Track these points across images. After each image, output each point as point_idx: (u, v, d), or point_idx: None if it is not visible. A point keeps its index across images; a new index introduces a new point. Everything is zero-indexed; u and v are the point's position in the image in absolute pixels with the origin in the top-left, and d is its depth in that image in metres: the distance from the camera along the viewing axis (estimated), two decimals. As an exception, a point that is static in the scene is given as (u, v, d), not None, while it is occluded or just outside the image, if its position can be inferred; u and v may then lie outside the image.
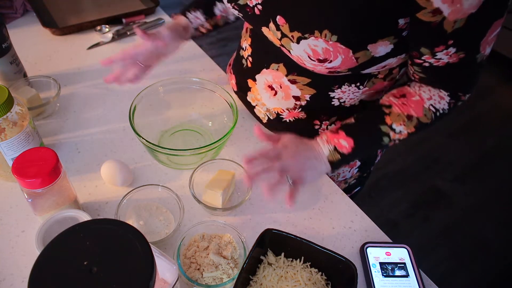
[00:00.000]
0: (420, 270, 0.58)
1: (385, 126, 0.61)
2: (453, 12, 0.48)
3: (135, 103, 0.69)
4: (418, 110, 0.61)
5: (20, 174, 0.49)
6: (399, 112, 0.61)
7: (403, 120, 0.61)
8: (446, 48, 0.52)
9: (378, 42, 0.54)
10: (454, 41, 0.51)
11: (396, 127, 0.61)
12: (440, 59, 0.54)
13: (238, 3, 0.64)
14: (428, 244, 1.70)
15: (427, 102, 0.61)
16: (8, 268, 0.56)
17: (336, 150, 0.61)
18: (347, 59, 0.57)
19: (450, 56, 0.53)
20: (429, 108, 0.61)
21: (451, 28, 0.50)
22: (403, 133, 0.62)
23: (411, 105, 0.61)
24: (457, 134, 2.22)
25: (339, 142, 0.61)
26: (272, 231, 0.54)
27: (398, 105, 0.61)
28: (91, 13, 1.09)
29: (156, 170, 0.70)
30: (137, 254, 0.34)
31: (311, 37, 0.56)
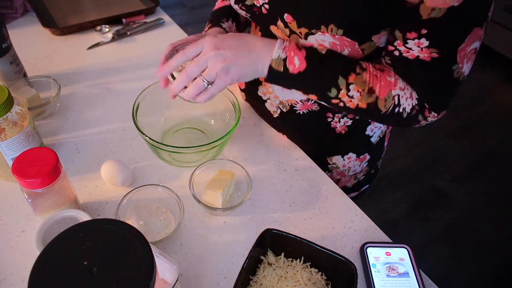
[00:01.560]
0: (420, 270, 0.58)
1: (344, 80, 0.57)
2: None
3: (138, 102, 0.69)
4: (384, 91, 0.57)
5: (20, 174, 0.49)
6: (367, 79, 0.57)
7: (363, 89, 0.57)
8: (418, 37, 0.51)
9: (382, 32, 0.55)
10: (427, 32, 0.50)
11: (352, 90, 0.57)
12: (410, 49, 0.53)
13: (245, 3, 0.65)
14: (428, 244, 1.70)
15: (397, 90, 0.57)
16: (8, 268, 0.56)
17: (284, 61, 0.57)
18: (354, 51, 0.57)
19: (422, 49, 0.52)
20: (393, 96, 0.57)
21: (426, 15, 0.48)
22: (353, 101, 0.58)
23: (381, 81, 0.57)
24: (457, 134, 2.22)
25: (293, 57, 0.57)
26: (272, 231, 0.54)
27: (371, 74, 0.57)
28: (91, 13, 1.09)
29: (156, 170, 0.70)
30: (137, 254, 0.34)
31: (318, 32, 0.56)
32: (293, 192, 0.69)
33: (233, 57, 0.56)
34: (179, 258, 0.58)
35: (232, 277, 0.56)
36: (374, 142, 0.80)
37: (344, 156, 0.79)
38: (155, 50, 0.99)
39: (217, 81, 0.57)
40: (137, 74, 0.91)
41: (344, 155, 0.79)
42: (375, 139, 0.80)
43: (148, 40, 1.03)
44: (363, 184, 0.90)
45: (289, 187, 0.69)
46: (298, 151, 0.76)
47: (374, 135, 0.79)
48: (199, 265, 0.58)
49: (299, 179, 0.71)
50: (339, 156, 0.79)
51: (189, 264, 0.58)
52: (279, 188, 0.69)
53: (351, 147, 0.79)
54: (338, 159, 0.80)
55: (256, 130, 0.80)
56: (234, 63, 0.56)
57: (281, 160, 0.74)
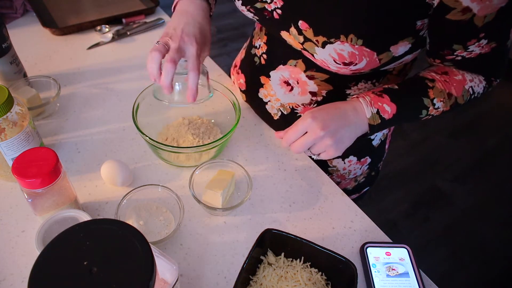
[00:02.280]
0: (420, 270, 0.58)
1: (428, 99, 0.61)
2: (483, 9, 0.50)
3: (138, 102, 0.69)
4: (459, 90, 0.62)
5: (20, 174, 0.49)
6: (442, 88, 0.61)
7: (443, 97, 0.61)
8: (478, 41, 0.54)
9: (399, 43, 0.56)
10: (485, 34, 0.53)
11: (437, 103, 0.62)
12: (472, 51, 0.56)
13: (255, 6, 0.64)
14: (428, 244, 1.70)
15: (469, 83, 0.62)
16: (8, 268, 0.56)
17: (378, 114, 0.61)
18: (371, 61, 0.58)
19: (482, 47, 0.55)
20: (468, 90, 0.62)
21: (481, 23, 0.51)
22: (439, 109, 0.63)
23: (453, 83, 0.62)
24: (457, 134, 2.22)
25: (383, 107, 0.61)
26: (272, 231, 0.54)
27: (441, 82, 0.62)
28: (91, 13, 1.09)
29: (156, 170, 0.70)
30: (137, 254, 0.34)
31: (337, 42, 0.57)
32: (293, 192, 0.69)
33: (339, 135, 0.59)
34: (179, 258, 0.58)
35: (232, 277, 0.56)
36: (375, 145, 0.80)
37: (344, 159, 0.79)
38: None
39: (324, 155, 0.61)
40: (137, 74, 0.91)
41: (345, 158, 0.79)
42: (377, 142, 0.80)
43: (148, 40, 1.03)
44: (364, 186, 0.89)
45: (289, 187, 0.69)
46: (298, 151, 0.76)
47: (376, 138, 0.78)
48: (199, 265, 0.58)
49: (299, 179, 0.71)
50: (340, 159, 0.79)
51: (189, 264, 0.58)
52: (279, 188, 0.69)
53: (351, 150, 0.78)
54: (338, 162, 0.79)
55: (256, 130, 0.80)
56: (341, 139, 0.60)
57: (281, 160, 0.74)
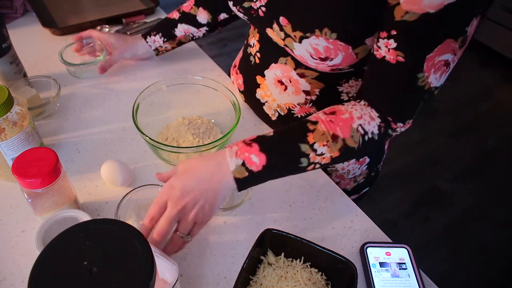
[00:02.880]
0: (420, 270, 0.58)
1: (306, 145, 0.54)
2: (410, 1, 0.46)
3: (138, 102, 0.69)
4: (345, 130, 0.54)
5: (20, 174, 0.49)
6: (324, 130, 0.54)
7: (327, 140, 0.54)
8: (388, 37, 0.50)
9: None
10: (397, 33, 0.49)
11: (318, 148, 0.54)
12: (379, 48, 0.52)
13: (243, 6, 0.65)
14: (428, 244, 1.70)
15: (356, 122, 0.55)
16: (8, 268, 0.56)
17: (244, 166, 0.52)
18: (348, 55, 0.57)
19: (389, 50, 0.51)
20: (357, 129, 0.55)
21: (399, 17, 0.48)
22: (325, 156, 0.55)
23: (339, 123, 0.55)
24: (457, 134, 2.22)
25: (249, 157, 0.53)
26: (272, 231, 0.54)
27: (325, 122, 0.55)
28: (91, 13, 1.09)
29: (156, 170, 0.70)
30: (137, 254, 0.34)
31: (312, 36, 0.57)
32: (293, 192, 0.69)
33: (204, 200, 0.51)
34: (179, 258, 0.58)
35: (232, 277, 0.56)
36: None
37: None
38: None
39: (195, 229, 0.53)
40: (137, 74, 0.91)
41: None
42: None
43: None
44: (363, 186, 0.89)
45: (289, 187, 0.69)
46: (298, 151, 0.76)
47: None
48: (199, 265, 0.58)
49: (299, 179, 0.71)
50: None
51: (189, 264, 0.58)
52: (279, 188, 0.69)
53: None
54: None
55: (256, 130, 0.80)
56: (207, 206, 0.52)
57: (281, 160, 0.74)
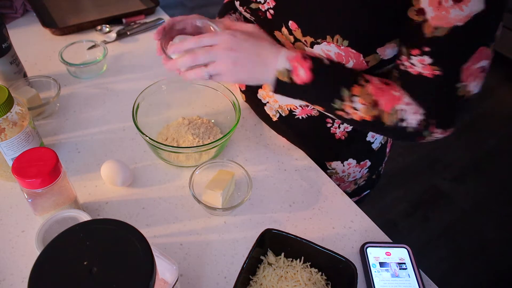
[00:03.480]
0: (420, 270, 0.58)
1: (347, 92, 0.56)
2: (437, 18, 0.47)
3: (138, 102, 0.69)
4: (388, 105, 0.55)
5: (20, 174, 0.49)
6: (371, 92, 0.55)
7: (368, 102, 0.55)
8: (421, 54, 0.51)
9: (386, 45, 0.55)
10: (430, 50, 0.50)
11: (356, 102, 0.56)
12: (413, 65, 0.53)
13: (250, 7, 0.65)
14: (428, 244, 1.70)
15: (402, 105, 0.55)
16: (8, 268, 0.56)
17: (289, 73, 0.56)
18: (358, 62, 0.57)
19: (425, 66, 0.51)
20: (397, 111, 0.55)
21: (430, 33, 0.48)
22: (357, 113, 0.57)
23: (386, 95, 0.56)
24: (457, 134, 2.22)
25: (297, 68, 0.55)
26: (272, 231, 0.54)
27: (375, 86, 0.56)
28: (91, 13, 1.09)
29: (156, 170, 0.70)
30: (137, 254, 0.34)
31: (324, 42, 0.56)
32: (293, 192, 0.69)
33: (242, 63, 0.56)
34: (179, 258, 0.58)
35: (232, 277, 0.56)
36: (375, 149, 0.79)
37: (343, 162, 0.79)
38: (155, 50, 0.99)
39: (218, 78, 0.58)
40: (137, 74, 0.91)
41: (344, 161, 0.79)
42: (377, 146, 0.79)
43: (148, 40, 1.03)
44: (364, 189, 0.89)
45: (289, 187, 0.69)
46: (298, 151, 0.76)
47: (376, 141, 0.78)
48: (199, 265, 0.58)
49: (299, 179, 0.71)
50: (339, 161, 0.79)
51: (189, 264, 0.58)
52: (279, 188, 0.69)
53: (351, 153, 0.78)
54: (337, 165, 0.79)
55: (256, 130, 0.80)
56: (241, 69, 0.57)
57: (281, 160, 0.74)
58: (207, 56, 0.56)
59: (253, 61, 0.57)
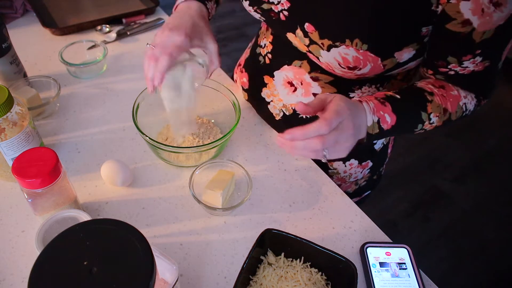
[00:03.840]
0: (420, 270, 0.58)
1: (425, 113, 0.59)
2: (483, 24, 0.50)
3: (138, 102, 0.69)
4: (454, 106, 0.60)
5: (20, 174, 0.49)
6: (439, 103, 0.59)
7: (439, 112, 0.60)
8: (474, 57, 0.54)
9: (403, 49, 0.56)
10: (481, 51, 0.53)
11: (432, 118, 0.60)
12: (466, 67, 0.56)
13: (262, 7, 0.64)
14: (428, 244, 1.70)
15: (463, 100, 0.61)
16: (8, 268, 0.56)
17: (378, 123, 0.56)
18: (376, 66, 0.58)
19: (476, 64, 0.55)
20: (462, 106, 0.61)
21: (479, 39, 0.52)
22: (433, 124, 0.61)
23: (449, 98, 0.60)
24: (457, 134, 2.22)
25: (384, 116, 0.56)
26: (272, 231, 0.54)
27: (439, 96, 0.60)
28: (91, 13, 1.09)
29: (156, 170, 0.70)
30: (137, 254, 0.34)
31: (342, 46, 0.57)
32: (293, 192, 0.69)
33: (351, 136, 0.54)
34: (179, 258, 0.58)
35: (232, 277, 0.56)
36: (377, 149, 0.80)
37: (345, 162, 0.79)
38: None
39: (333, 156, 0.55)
40: (137, 74, 0.91)
41: (346, 161, 0.79)
42: (379, 146, 0.79)
43: (148, 40, 1.02)
44: (365, 190, 0.89)
45: (289, 187, 0.69)
46: (298, 151, 0.76)
47: (378, 142, 0.78)
48: (199, 265, 0.58)
49: (299, 179, 0.71)
50: (340, 162, 0.79)
51: (189, 264, 0.58)
52: (279, 188, 0.69)
53: (353, 154, 0.77)
54: (339, 165, 0.79)
55: (256, 130, 0.80)
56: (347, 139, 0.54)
57: (281, 160, 0.74)
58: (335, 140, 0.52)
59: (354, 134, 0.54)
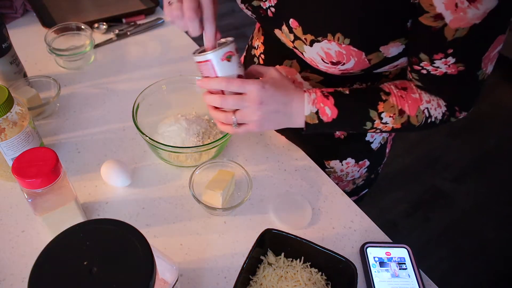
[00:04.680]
0: (420, 270, 0.58)
1: (375, 112, 0.59)
2: (456, 20, 0.47)
3: (138, 102, 0.69)
4: (412, 109, 0.59)
5: (20, 174, 0.49)
6: (394, 103, 0.59)
7: (394, 113, 0.59)
8: (445, 57, 0.52)
9: (390, 43, 0.55)
10: (453, 51, 0.51)
11: (384, 117, 0.59)
12: (438, 67, 0.54)
13: (252, 4, 0.65)
14: (428, 244, 1.70)
15: (424, 104, 0.60)
16: (8, 268, 0.56)
17: (317, 114, 0.59)
18: (360, 61, 0.57)
19: (449, 66, 0.53)
20: (423, 111, 0.59)
21: (451, 36, 0.49)
22: (388, 125, 0.60)
23: (408, 100, 0.59)
24: (457, 134, 2.22)
25: (324, 108, 0.59)
26: (272, 231, 0.54)
27: (396, 96, 0.59)
28: (91, 13, 1.09)
29: (156, 170, 0.70)
30: (137, 254, 0.34)
31: (324, 40, 0.56)
32: (293, 192, 0.69)
33: (271, 116, 0.58)
34: (179, 258, 0.58)
35: (232, 277, 0.56)
36: (374, 149, 0.79)
37: (342, 161, 0.79)
38: (155, 50, 0.99)
39: (245, 127, 0.59)
40: (137, 74, 0.91)
41: (343, 160, 0.79)
42: (376, 145, 0.79)
43: (148, 40, 1.03)
44: (362, 189, 0.89)
45: (289, 187, 0.69)
46: (298, 151, 0.76)
47: (375, 141, 0.78)
48: (199, 265, 0.58)
49: (299, 179, 0.71)
50: (337, 161, 0.79)
51: (189, 264, 0.58)
52: (279, 188, 0.69)
53: (349, 153, 0.78)
54: (336, 164, 0.79)
55: (256, 130, 0.80)
56: (269, 122, 0.58)
57: (281, 160, 0.74)
58: (236, 104, 0.56)
59: (281, 113, 0.58)
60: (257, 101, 0.56)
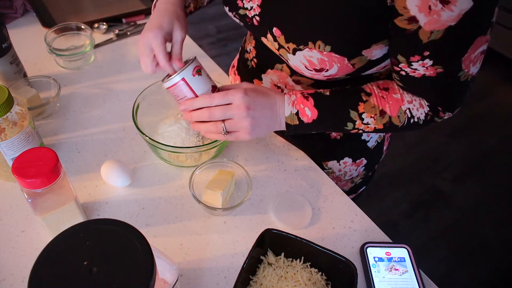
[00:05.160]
0: (420, 270, 0.58)
1: (355, 112, 0.60)
2: (430, 22, 0.47)
3: (138, 102, 0.69)
4: (394, 109, 0.59)
5: (20, 174, 0.49)
6: (375, 104, 0.59)
7: (375, 114, 0.59)
8: (422, 59, 0.51)
9: (372, 46, 0.55)
10: (430, 53, 0.50)
11: (365, 118, 0.60)
12: (416, 69, 0.53)
13: (239, 13, 0.65)
14: (428, 244, 1.70)
15: (406, 105, 0.59)
16: (8, 268, 0.56)
17: (297, 115, 0.60)
18: (343, 66, 0.57)
19: (427, 68, 0.52)
20: (405, 111, 0.59)
21: (426, 39, 0.49)
22: (369, 126, 0.61)
23: (389, 101, 0.59)
24: (457, 134, 2.22)
25: (304, 110, 0.60)
26: (272, 231, 0.54)
27: (377, 97, 0.60)
28: (91, 13, 1.09)
29: (156, 170, 0.70)
30: (137, 254, 0.34)
31: (306, 49, 0.57)
32: (293, 192, 0.69)
33: (260, 121, 0.59)
34: (179, 258, 0.58)
35: (232, 277, 0.56)
36: (371, 147, 0.79)
37: (339, 161, 0.79)
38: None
39: (236, 134, 0.60)
40: (137, 74, 0.91)
41: (340, 160, 0.79)
42: (372, 144, 0.79)
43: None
44: (360, 186, 0.89)
45: (289, 187, 0.69)
46: (298, 151, 0.76)
47: (371, 140, 0.78)
48: (199, 265, 0.58)
49: (299, 179, 0.71)
50: (335, 161, 0.79)
51: (189, 264, 0.58)
52: (279, 188, 0.69)
53: (346, 152, 0.78)
54: (333, 164, 0.79)
55: (256, 130, 0.80)
56: (259, 128, 0.59)
57: (281, 160, 0.74)
58: (224, 115, 0.58)
59: (268, 117, 0.60)
60: (243, 107, 0.57)
